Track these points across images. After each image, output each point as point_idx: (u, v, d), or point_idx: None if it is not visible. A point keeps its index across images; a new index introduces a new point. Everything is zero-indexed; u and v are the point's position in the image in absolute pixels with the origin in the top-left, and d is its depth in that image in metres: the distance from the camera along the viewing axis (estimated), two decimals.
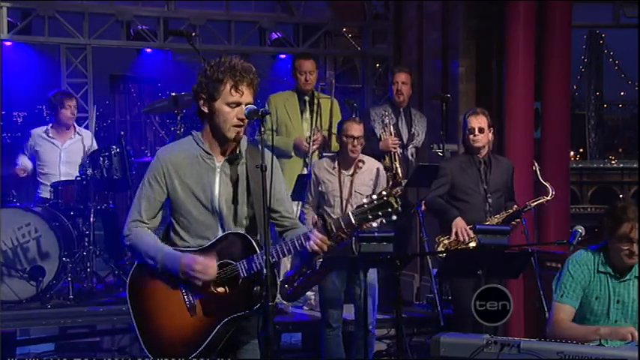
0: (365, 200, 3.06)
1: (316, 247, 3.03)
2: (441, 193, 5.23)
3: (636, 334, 3.53)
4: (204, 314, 3.08)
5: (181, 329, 3.09)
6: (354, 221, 3.03)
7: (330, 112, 6.07)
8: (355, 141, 4.99)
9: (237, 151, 3.16)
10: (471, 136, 5.18)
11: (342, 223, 3.05)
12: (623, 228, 3.61)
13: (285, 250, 3.08)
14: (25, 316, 5.63)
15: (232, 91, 3.05)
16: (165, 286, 3.12)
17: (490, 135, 5.24)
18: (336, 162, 5.09)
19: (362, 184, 5.07)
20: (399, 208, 3.01)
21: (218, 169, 3.14)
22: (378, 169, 5.17)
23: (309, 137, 5.84)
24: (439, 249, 5.10)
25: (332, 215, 4.98)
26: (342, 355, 5.05)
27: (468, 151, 5.31)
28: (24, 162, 6.52)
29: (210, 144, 3.14)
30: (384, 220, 3.03)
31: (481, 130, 5.18)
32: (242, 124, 3.07)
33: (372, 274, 5.03)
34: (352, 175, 5.06)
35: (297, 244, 3.07)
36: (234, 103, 3.06)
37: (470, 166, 5.22)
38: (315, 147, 5.84)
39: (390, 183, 5.21)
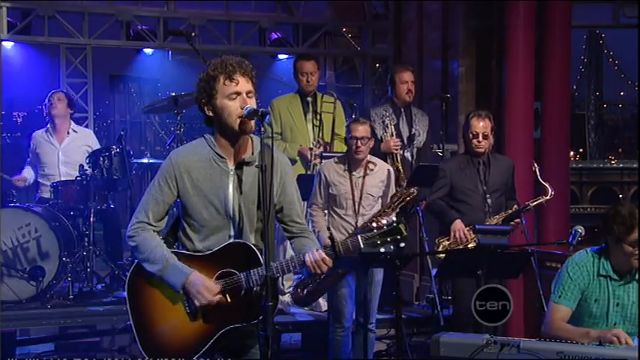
0: (374, 225, 3.09)
1: (313, 270, 3.06)
2: (441, 195, 5.23)
3: (623, 337, 3.49)
4: (205, 321, 3.07)
5: (180, 334, 3.09)
6: (362, 246, 3.06)
7: (333, 114, 6.09)
8: (359, 142, 4.96)
9: (251, 153, 3.15)
10: (475, 141, 5.17)
11: (350, 246, 3.07)
12: (634, 234, 3.60)
13: (290, 266, 3.08)
14: (25, 316, 5.63)
15: (227, 82, 3.05)
16: (167, 288, 3.10)
17: (491, 138, 5.24)
18: (346, 164, 5.09)
19: (373, 186, 5.07)
20: (408, 236, 3.06)
21: (231, 173, 3.12)
22: (388, 171, 5.18)
23: (312, 147, 5.86)
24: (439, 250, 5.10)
25: (344, 218, 5.01)
26: (349, 355, 5.04)
27: (467, 151, 5.31)
28: (27, 173, 6.54)
29: (223, 146, 3.12)
30: (391, 247, 3.06)
31: (485, 137, 5.17)
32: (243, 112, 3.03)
33: (379, 275, 5.03)
34: (363, 176, 5.06)
35: (297, 263, 3.08)
36: (233, 94, 3.04)
37: (468, 167, 5.22)
38: (316, 161, 5.85)
39: (404, 183, 5.21)
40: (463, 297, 4.98)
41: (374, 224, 3.09)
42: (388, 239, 3.05)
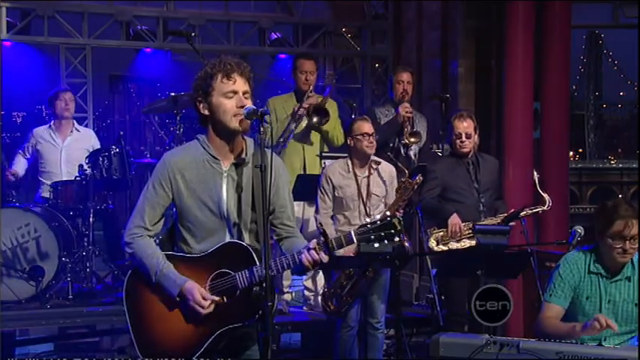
0: (368, 220, 3.07)
1: (307, 264, 3.03)
2: (434, 195, 5.21)
3: (603, 319, 3.48)
4: (201, 323, 3.06)
5: (177, 336, 3.08)
6: (356, 241, 3.03)
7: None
8: (370, 137, 4.98)
9: (244, 154, 3.13)
10: (458, 142, 5.18)
11: (343, 242, 3.05)
12: (615, 226, 3.60)
13: (284, 264, 3.05)
14: (25, 316, 5.63)
15: (224, 80, 3.04)
16: (164, 291, 3.10)
17: (476, 137, 5.23)
18: (350, 164, 5.08)
19: (377, 186, 5.06)
20: (402, 230, 3.03)
21: (225, 174, 3.11)
22: (391, 170, 5.17)
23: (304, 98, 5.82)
24: (431, 240, 5.08)
25: (350, 219, 5.00)
26: (356, 355, 5.03)
27: (454, 153, 5.30)
28: (17, 166, 6.52)
29: (217, 147, 3.11)
30: (386, 242, 3.02)
31: (468, 136, 5.17)
32: (242, 111, 3.02)
33: (385, 275, 5.02)
34: (367, 176, 5.05)
35: (296, 259, 3.05)
36: (230, 92, 3.04)
37: (458, 167, 5.21)
38: (306, 106, 5.79)
39: (407, 173, 5.18)
40: (454, 297, 4.99)
41: (368, 219, 3.08)
42: (382, 234, 3.01)
